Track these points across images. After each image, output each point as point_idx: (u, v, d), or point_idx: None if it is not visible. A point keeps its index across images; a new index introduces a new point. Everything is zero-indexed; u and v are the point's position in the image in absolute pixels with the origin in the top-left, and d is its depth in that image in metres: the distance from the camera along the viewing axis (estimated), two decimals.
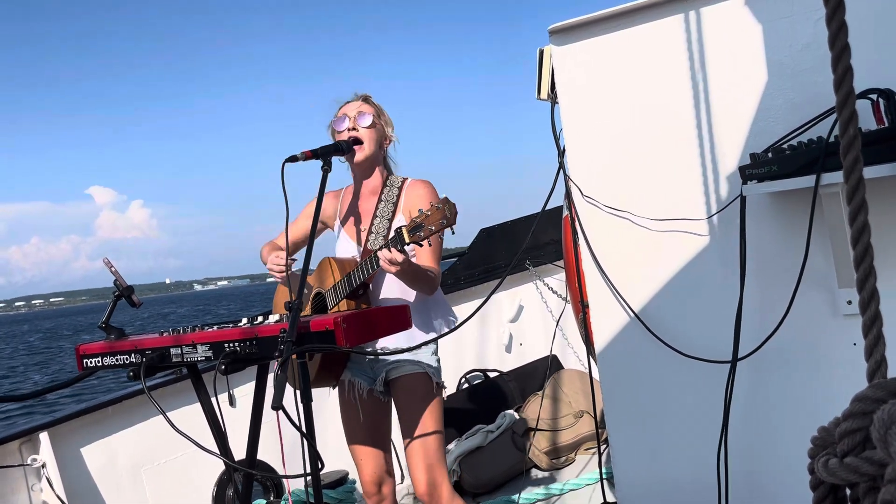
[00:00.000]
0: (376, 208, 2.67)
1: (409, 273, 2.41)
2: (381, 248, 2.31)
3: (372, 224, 2.65)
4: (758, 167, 2.05)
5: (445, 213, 2.14)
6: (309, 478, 2.14)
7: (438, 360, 2.68)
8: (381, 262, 2.31)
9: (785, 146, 2.05)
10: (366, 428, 2.72)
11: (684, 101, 2.39)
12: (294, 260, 2.70)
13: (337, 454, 3.13)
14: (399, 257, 2.26)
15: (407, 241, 2.20)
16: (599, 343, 2.63)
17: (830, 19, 0.92)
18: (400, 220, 2.61)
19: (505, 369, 5.06)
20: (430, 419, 2.59)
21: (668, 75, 2.41)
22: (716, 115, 2.35)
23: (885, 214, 2.05)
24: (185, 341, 2.30)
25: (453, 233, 2.20)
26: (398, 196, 2.66)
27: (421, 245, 2.24)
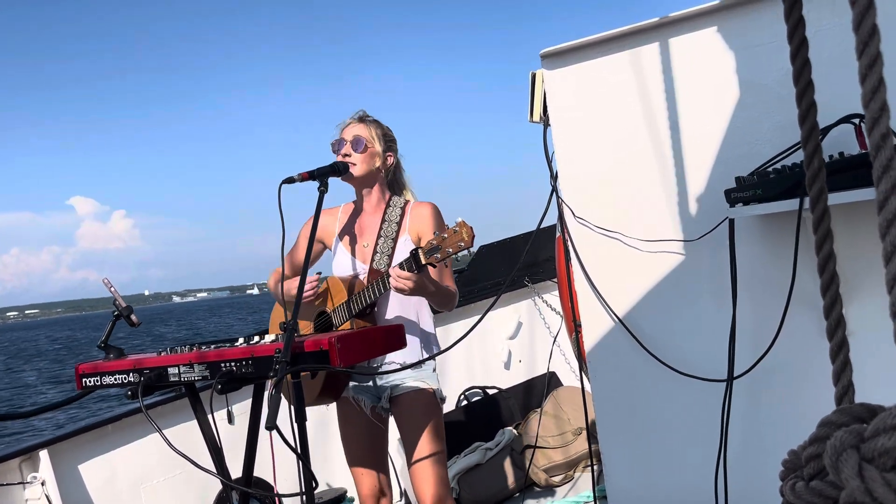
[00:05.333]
0: (380, 228, 2.71)
1: (427, 290, 2.48)
2: (394, 268, 2.37)
3: (377, 244, 2.69)
4: (743, 190, 2.08)
5: (463, 236, 2.23)
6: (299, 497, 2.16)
7: (438, 377, 2.74)
8: (393, 282, 2.37)
9: (770, 170, 2.08)
10: (366, 445, 2.75)
11: (673, 124, 2.43)
12: (319, 273, 2.76)
13: (340, 472, 3.15)
14: (411, 277, 2.34)
15: (424, 262, 2.29)
16: (592, 361, 2.66)
17: (794, 57, 0.95)
18: (406, 241, 2.66)
19: (504, 386, 5.07)
20: (434, 435, 2.63)
21: (658, 99, 2.45)
22: (704, 138, 2.39)
23: (867, 236, 2.07)
24: (183, 361, 2.33)
25: (470, 254, 2.29)
26: (401, 216, 2.70)
27: (435, 266, 2.33)
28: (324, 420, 2.95)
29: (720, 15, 2.33)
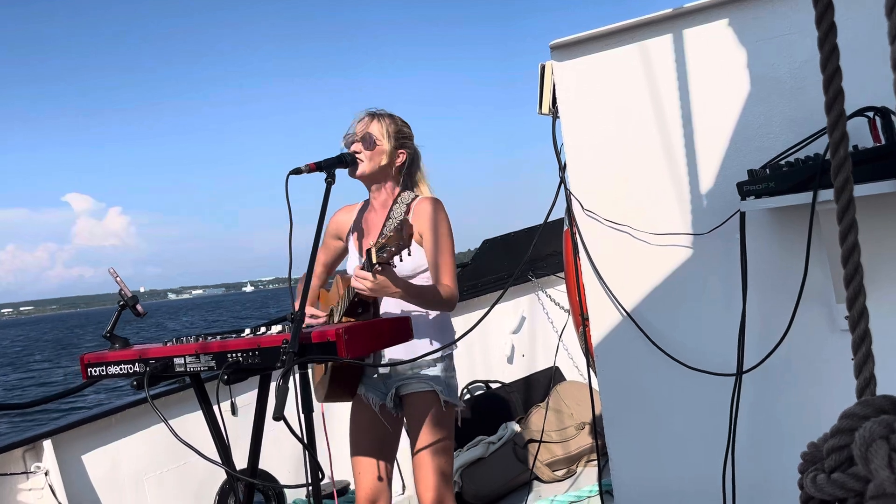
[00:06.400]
0: (384, 225, 2.68)
1: (393, 291, 2.36)
2: (356, 267, 2.32)
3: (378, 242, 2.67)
4: (755, 183, 2.07)
5: (402, 234, 2.11)
6: (308, 488, 2.15)
7: (453, 377, 2.66)
8: (353, 282, 2.32)
9: (782, 163, 2.07)
10: (371, 443, 2.72)
11: (684, 116, 2.41)
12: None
13: (344, 464, 3.14)
14: (367, 278, 2.25)
15: (374, 261, 2.16)
16: (600, 355, 2.64)
17: (822, 42, 0.94)
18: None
19: (507, 380, 5.07)
20: (437, 436, 2.58)
21: (669, 91, 2.43)
22: (715, 131, 2.37)
23: (881, 230, 2.06)
24: (189, 351, 2.32)
25: (409, 254, 2.18)
26: (405, 214, 2.64)
27: (392, 265, 2.19)
28: (329, 412, 2.94)
29: (732, 7, 2.32)
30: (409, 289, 2.41)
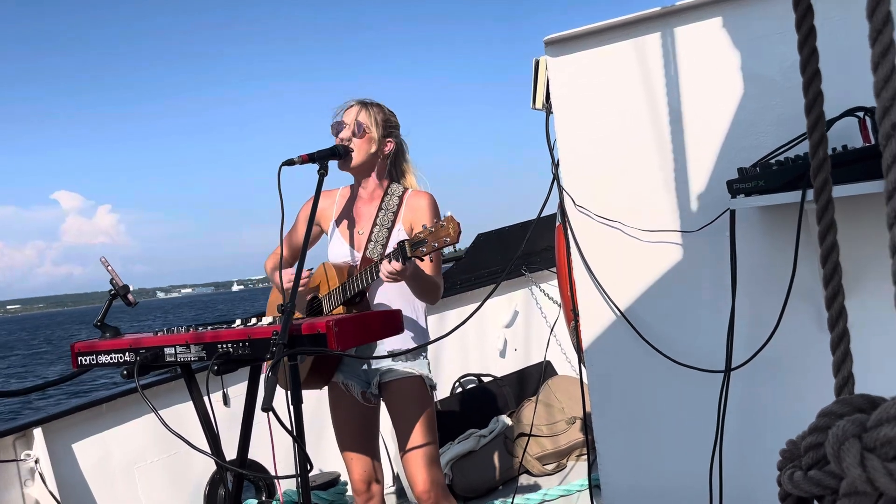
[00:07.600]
0: (376, 216, 2.70)
1: (413, 282, 2.48)
2: (381, 260, 2.39)
3: (371, 232, 2.69)
4: (745, 182, 2.08)
5: (449, 231, 2.22)
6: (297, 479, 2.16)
7: (429, 364, 2.75)
8: (382, 274, 2.37)
9: (772, 161, 2.08)
10: (357, 430, 2.76)
11: (676, 114, 2.42)
12: (311, 270, 2.73)
13: (334, 456, 3.16)
14: (399, 268, 2.33)
15: (409, 255, 2.29)
16: (590, 351, 2.66)
17: (802, 45, 0.94)
18: (399, 230, 2.66)
19: (499, 374, 5.08)
20: (424, 421, 2.64)
21: (661, 88, 2.44)
22: (707, 129, 2.38)
23: (869, 230, 2.07)
24: (179, 341, 2.33)
25: (455, 250, 2.30)
26: (398, 206, 2.70)
27: (422, 260, 2.33)
28: (319, 404, 2.95)
29: (726, 5, 2.32)
30: (422, 278, 2.55)
